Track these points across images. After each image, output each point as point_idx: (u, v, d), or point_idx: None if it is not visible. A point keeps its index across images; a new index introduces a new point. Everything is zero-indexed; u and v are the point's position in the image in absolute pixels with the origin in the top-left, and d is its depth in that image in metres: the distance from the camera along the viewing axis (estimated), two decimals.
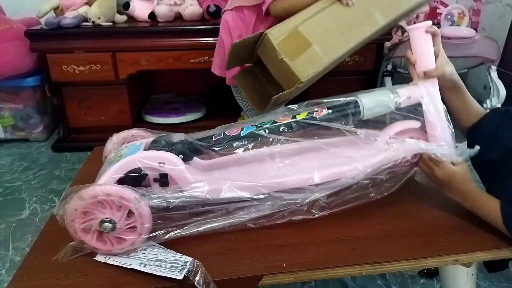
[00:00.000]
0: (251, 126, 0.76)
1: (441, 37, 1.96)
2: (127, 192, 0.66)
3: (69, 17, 1.76)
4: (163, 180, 0.73)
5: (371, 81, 2.02)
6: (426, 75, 0.80)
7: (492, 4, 2.32)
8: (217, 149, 0.75)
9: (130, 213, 0.67)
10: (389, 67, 1.98)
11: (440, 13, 2.03)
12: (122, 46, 1.79)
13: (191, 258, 0.67)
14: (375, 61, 1.94)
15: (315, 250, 0.72)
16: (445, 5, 2.11)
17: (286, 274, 0.68)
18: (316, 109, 0.78)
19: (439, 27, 1.91)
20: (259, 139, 0.76)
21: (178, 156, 0.73)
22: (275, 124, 0.76)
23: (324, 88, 1.99)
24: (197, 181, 0.72)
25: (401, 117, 0.81)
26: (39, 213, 1.47)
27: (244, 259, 0.70)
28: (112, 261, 0.68)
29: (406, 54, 0.83)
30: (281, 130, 0.76)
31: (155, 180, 0.73)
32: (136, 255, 0.69)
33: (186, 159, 0.74)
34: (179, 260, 0.67)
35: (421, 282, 1.16)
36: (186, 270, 0.64)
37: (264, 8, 1.29)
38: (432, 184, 0.80)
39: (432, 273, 1.15)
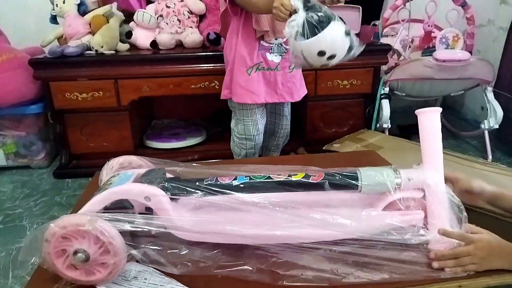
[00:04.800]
0: (245, 177, 0.76)
1: (436, 60, 2.00)
2: (80, 217, 0.66)
3: (72, 46, 1.80)
4: (148, 214, 0.72)
5: (369, 104, 2.05)
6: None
7: (485, 27, 2.37)
8: (206, 194, 0.74)
9: (98, 237, 0.66)
10: (386, 90, 2.01)
11: (435, 37, 2.08)
12: (124, 73, 1.82)
13: None
14: (372, 84, 1.98)
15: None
16: (440, 29, 2.15)
17: None
18: (314, 174, 0.77)
19: (434, 51, 1.96)
20: (250, 191, 0.75)
21: (166, 192, 0.72)
22: (269, 180, 0.76)
23: (324, 112, 2.03)
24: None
25: None
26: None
27: None
28: None
29: None
30: (274, 186, 0.75)
31: (140, 213, 0.73)
32: (136, 284, 0.69)
33: (174, 197, 0.74)
34: None
35: None
36: None
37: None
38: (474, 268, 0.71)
39: None
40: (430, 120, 0.76)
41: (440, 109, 0.76)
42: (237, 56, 1.45)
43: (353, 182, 0.75)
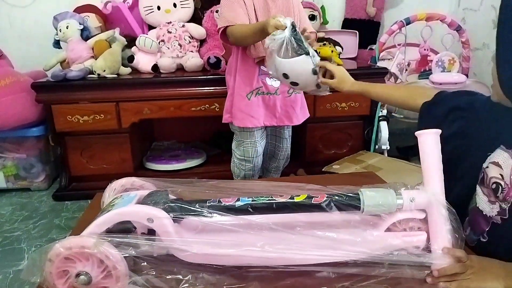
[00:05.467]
0: (248, 198, 0.77)
1: (433, 83, 2.03)
2: (86, 240, 0.65)
3: (75, 70, 1.83)
4: (151, 236, 0.72)
5: (368, 126, 2.07)
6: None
7: (480, 50, 2.42)
8: (209, 215, 0.74)
9: (102, 260, 0.65)
10: (384, 112, 2.03)
11: (431, 60, 2.12)
12: (125, 96, 1.85)
13: None
14: (370, 106, 2.00)
15: None
16: (436, 53, 2.20)
17: None
18: (316, 195, 0.77)
19: (430, 74, 1.99)
20: (253, 213, 0.75)
21: (169, 214, 0.72)
22: (272, 201, 0.76)
23: (323, 133, 2.05)
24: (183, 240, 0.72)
25: None
26: None
27: None
28: None
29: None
30: (276, 207, 0.76)
31: (142, 234, 0.72)
32: None
33: (176, 219, 0.74)
34: None
35: None
36: None
37: (219, 32, 1.42)
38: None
39: None
40: (430, 141, 0.76)
41: (440, 131, 0.77)
42: (237, 81, 1.48)
43: (355, 203, 0.75)
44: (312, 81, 1.18)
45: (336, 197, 0.76)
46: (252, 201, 0.76)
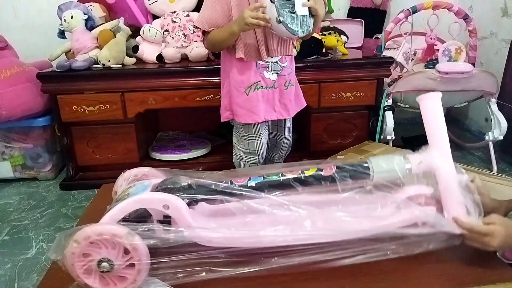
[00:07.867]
0: (259, 177, 0.77)
1: (439, 72, 2.01)
2: (119, 229, 0.66)
3: (80, 60, 1.83)
4: (167, 222, 0.73)
5: (373, 116, 2.06)
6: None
7: (488, 39, 2.39)
8: (223, 197, 0.75)
9: (126, 250, 0.67)
10: (390, 102, 2.02)
11: (438, 49, 2.10)
12: (130, 86, 1.85)
13: None
14: (376, 96, 1.99)
15: None
16: (442, 42, 2.17)
17: None
18: (325, 167, 0.78)
19: (436, 63, 1.97)
20: (266, 190, 0.76)
21: (183, 200, 0.73)
22: (283, 177, 0.77)
23: (328, 123, 2.04)
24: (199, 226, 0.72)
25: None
26: (46, 252, 1.46)
27: None
28: None
29: None
30: (289, 183, 0.76)
31: (159, 221, 0.74)
32: None
33: (191, 204, 0.75)
34: None
35: None
36: None
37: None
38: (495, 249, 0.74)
39: None
40: (431, 105, 0.78)
41: (440, 94, 0.78)
42: (234, 77, 1.45)
43: (365, 171, 0.77)
44: (276, 27, 1.23)
45: (346, 168, 0.77)
46: (263, 179, 0.77)
